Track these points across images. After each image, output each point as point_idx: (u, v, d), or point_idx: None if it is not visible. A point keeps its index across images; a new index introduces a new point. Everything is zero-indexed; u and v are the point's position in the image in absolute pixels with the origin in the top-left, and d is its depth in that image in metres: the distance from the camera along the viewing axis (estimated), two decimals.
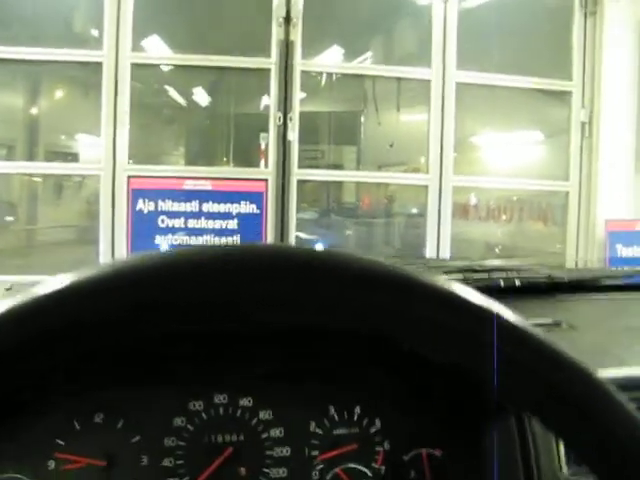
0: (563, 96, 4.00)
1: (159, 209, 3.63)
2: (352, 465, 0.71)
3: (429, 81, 3.78)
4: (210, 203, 3.64)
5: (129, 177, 3.62)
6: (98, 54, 3.60)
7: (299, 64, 3.66)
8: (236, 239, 3.65)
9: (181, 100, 4.05)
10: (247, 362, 0.70)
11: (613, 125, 3.92)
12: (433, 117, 3.81)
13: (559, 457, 0.73)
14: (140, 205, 3.63)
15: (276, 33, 3.65)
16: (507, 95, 4.01)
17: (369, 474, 0.71)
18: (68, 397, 0.66)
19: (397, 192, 4.30)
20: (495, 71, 3.89)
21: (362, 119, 4.55)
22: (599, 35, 3.93)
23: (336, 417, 0.71)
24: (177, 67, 3.78)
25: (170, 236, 3.63)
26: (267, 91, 3.68)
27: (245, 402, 0.70)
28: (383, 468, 0.72)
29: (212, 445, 0.69)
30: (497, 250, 4.17)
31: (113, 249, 3.65)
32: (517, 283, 1.26)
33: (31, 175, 3.95)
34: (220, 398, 0.69)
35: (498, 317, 0.37)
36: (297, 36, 3.66)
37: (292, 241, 3.67)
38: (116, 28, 3.59)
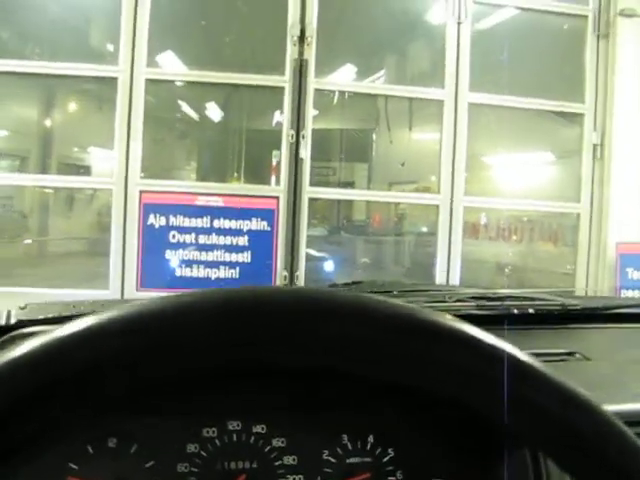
0: (575, 118, 4.01)
1: (170, 224, 3.65)
2: None
3: (442, 101, 3.80)
4: (221, 219, 3.66)
5: (141, 192, 3.64)
6: (113, 69, 3.64)
7: (312, 82, 3.67)
8: (247, 255, 3.67)
9: (194, 116, 4.07)
10: (262, 389, 0.69)
11: (625, 147, 3.92)
12: (445, 137, 3.82)
13: None
14: (151, 220, 3.65)
15: (290, 52, 3.68)
16: (519, 116, 4.02)
17: None
18: (82, 423, 0.65)
19: (408, 211, 4.30)
20: (507, 93, 3.91)
21: (374, 137, 4.56)
22: (611, 58, 3.94)
23: (349, 446, 0.71)
24: (191, 83, 3.80)
25: (181, 251, 3.65)
26: (280, 108, 3.71)
27: (259, 429, 0.70)
28: None
29: (225, 472, 0.69)
30: (507, 270, 4.17)
31: (124, 263, 3.66)
32: (530, 311, 1.25)
33: (44, 187, 3.98)
34: (234, 425, 0.69)
35: (508, 356, 0.37)
36: (311, 55, 3.69)
37: (302, 258, 3.69)
38: (132, 44, 3.63)
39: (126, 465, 0.67)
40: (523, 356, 0.38)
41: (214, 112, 4.05)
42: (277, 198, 3.66)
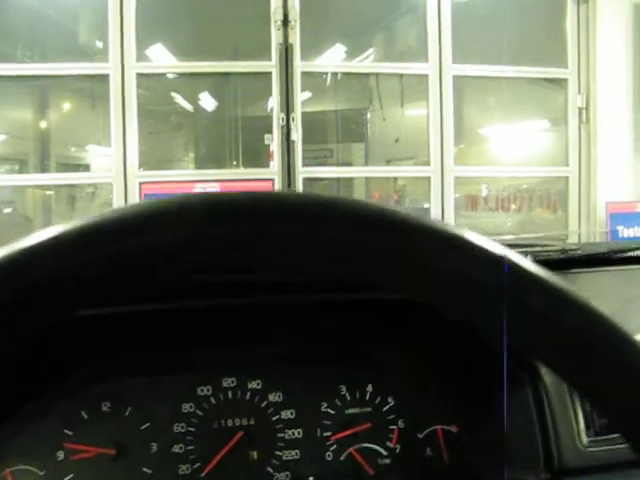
0: (559, 83, 4.08)
1: None
2: (366, 445, 0.70)
3: (427, 76, 3.89)
4: None
5: (141, 183, 3.75)
6: (104, 66, 3.72)
7: (299, 66, 3.74)
8: None
9: (187, 106, 4.15)
10: (254, 344, 0.69)
11: (610, 109, 3.97)
12: (432, 110, 3.89)
13: (578, 426, 0.71)
14: None
15: (275, 36, 3.76)
16: (504, 85, 4.09)
17: (384, 453, 0.70)
18: (75, 387, 0.66)
19: (407, 186, 4.38)
20: (491, 62, 3.98)
21: (368, 116, 4.62)
22: (592, 21, 3.98)
23: (348, 396, 0.70)
24: (181, 74, 3.88)
25: None
26: (270, 93, 3.81)
27: (254, 385, 0.69)
28: (398, 447, 0.71)
29: (222, 430, 0.68)
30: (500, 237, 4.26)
31: None
32: (530, 258, 1.22)
33: (44, 187, 4.08)
34: (229, 382, 0.69)
35: (509, 261, 0.36)
36: (296, 38, 3.75)
37: None
38: (120, 40, 3.70)
39: (122, 428, 0.66)
40: (523, 261, 0.36)
41: (206, 101, 4.13)
42: (272, 180, 3.77)
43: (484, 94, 4.15)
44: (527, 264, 0.36)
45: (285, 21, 3.72)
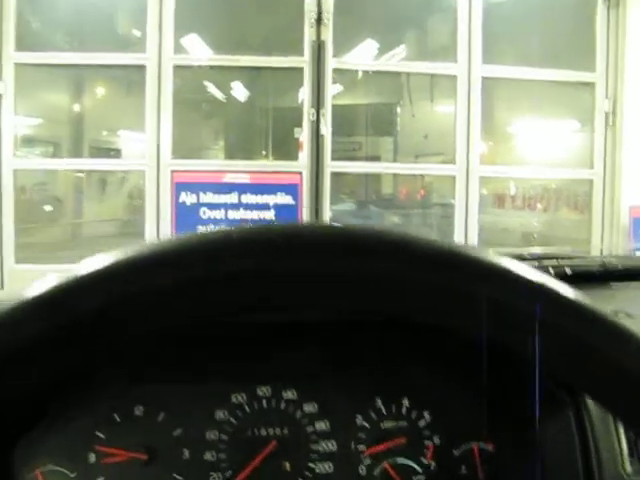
0: (587, 87, 4.13)
1: (201, 201, 3.86)
2: (400, 460, 0.69)
3: (455, 76, 3.96)
4: (248, 195, 3.86)
5: (172, 171, 3.86)
6: (142, 57, 3.85)
7: (330, 62, 3.84)
8: None
9: (220, 97, 4.25)
10: (290, 353, 0.68)
11: (636, 114, 4.00)
12: (460, 111, 3.96)
13: (621, 453, 0.68)
14: (183, 198, 3.87)
15: (308, 33, 3.85)
16: (532, 86, 4.14)
17: (418, 469, 0.69)
18: (109, 389, 0.65)
19: (433, 182, 4.44)
20: (520, 64, 4.04)
21: (397, 111, 4.68)
22: (622, 27, 4.01)
23: (383, 410, 0.69)
24: (216, 67, 4.00)
25: (211, 227, 3.87)
26: (301, 88, 3.90)
27: (289, 395, 0.68)
28: (433, 463, 0.69)
29: (255, 439, 0.67)
30: (523, 236, 4.33)
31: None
32: (568, 271, 1.20)
33: (79, 171, 4.22)
34: (263, 390, 0.68)
35: (551, 291, 0.36)
36: (328, 35, 3.84)
37: None
38: (158, 32, 3.82)
39: (154, 433, 0.66)
40: (564, 288, 0.36)
41: (238, 93, 4.23)
42: (300, 173, 3.86)
43: (512, 94, 4.21)
44: (566, 292, 0.36)
45: (318, 19, 3.81)
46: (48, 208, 4.28)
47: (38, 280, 0.36)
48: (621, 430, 0.67)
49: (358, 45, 4.10)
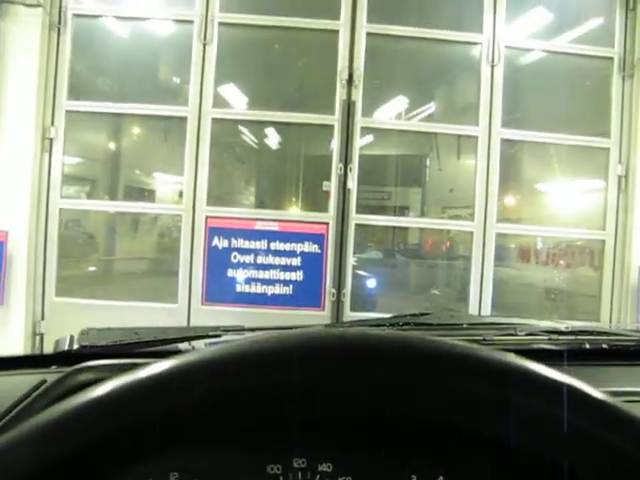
0: (602, 152, 4.34)
1: (232, 246, 4.11)
2: None
3: (476, 137, 4.21)
4: (277, 242, 4.11)
5: (207, 217, 4.13)
6: (184, 109, 4.14)
7: (359, 121, 4.10)
8: (299, 274, 4.11)
9: (254, 149, 4.52)
10: (327, 426, 0.66)
11: None
12: (479, 170, 4.20)
13: None
14: (215, 242, 4.12)
15: (340, 93, 4.13)
16: (550, 150, 4.38)
17: None
18: (146, 455, 0.64)
19: (456, 236, 4.62)
20: (538, 129, 4.28)
21: (425, 163, 4.85)
22: (636, 97, 4.21)
23: None
24: (252, 122, 4.29)
25: (241, 270, 4.12)
26: (331, 143, 4.16)
27: (324, 467, 0.68)
28: None
29: None
30: (538, 291, 4.51)
31: (190, 280, 4.13)
32: (604, 346, 1.20)
33: (122, 213, 4.48)
34: (299, 462, 0.68)
35: (579, 396, 0.37)
36: (358, 96, 4.11)
37: (349, 277, 4.10)
38: (200, 88, 4.12)
39: None
40: (607, 400, 0.37)
41: (272, 146, 4.49)
42: (327, 224, 4.10)
43: (530, 156, 4.44)
44: (593, 395, 0.37)
45: (350, 80, 4.09)
46: (88, 245, 4.55)
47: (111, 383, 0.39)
48: None
49: (385, 105, 4.36)
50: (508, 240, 4.46)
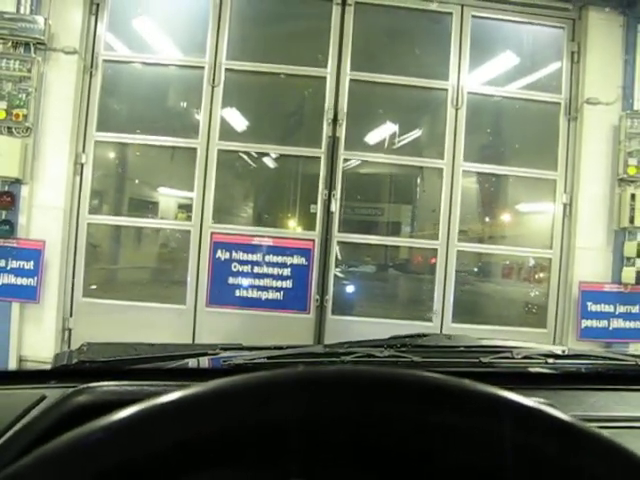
0: (549, 183, 5.04)
1: (233, 258, 4.85)
2: None
3: (442, 169, 4.95)
4: (271, 255, 4.85)
5: (212, 233, 4.87)
6: (195, 142, 4.90)
7: (342, 154, 4.83)
8: (289, 283, 4.83)
9: (253, 177, 5.25)
10: (324, 450, 0.63)
11: (589, 207, 4.87)
12: (444, 197, 4.94)
13: None
14: (219, 254, 4.85)
15: (326, 130, 4.88)
16: (504, 181, 5.13)
17: None
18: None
19: (425, 251, 5.25)
20: (495, 163, 5.03)
21: (417, 183, 5.47)
22: (579, 136, 4.90)
23: None
24: (252, 153, 5.05)
25: (240, 278, 4.86)
26: (317, 173, 4.91)
27: None
28: None
29: None
30: (493, 300, 5.23)
31: (197, 286, 4.86)
32: (600, 370, 1.21)
33: (139, 228, 5.21)
34: None
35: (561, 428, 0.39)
36: (342, 133, 4.85)
37: (330, 287, 4.83)
38: (208, 123, 4.88)
39: None
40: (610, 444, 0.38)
41: (268, 174, 5.23)
42: (313, 240, 4.84)
43: (487, 186, 5.18)
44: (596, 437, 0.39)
45: (335, 119, 4.84)
46: (110, 255, 5.28)
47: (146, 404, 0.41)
48: None
49: (366, 139, 5.11)
50: (471, 258, 5.18)
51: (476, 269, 5.25)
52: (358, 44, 4.91)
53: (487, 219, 5.29)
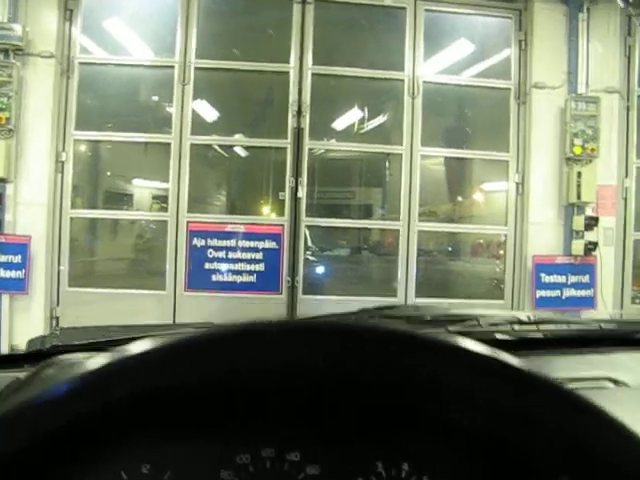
0: (502, 164, 5.38)
1: (208, 245, 5.14)
2: None
3: (401, 154, 5.28)
4: (244, 240, 5.17)
5: (188, 222, 5.18)
6: (168, 137, 5.19)
7: (307, 144, 5.13)
8: (261, 266, 5.16)
9: (224, 169, 5.57)
10: (295, 416, 0.68)
11: (540, 185, 5.19)
12: (404, 180, 5.28)
13: None
14: (195, 242, 5.14)
15: (290, 122, 5.20)
16: (460, 164, 5.48)
17: None
18: (117, 450, 0.65)
19: (392, 233, 5.58)
20: (451, 146, 5.38)
21: (379, 169, 5.77)
22: (528, 119, 5.21)
23: (384, 473, 0.69)
24: (224, 146, 5.36)
25: (215, 263, 5.18)
26: (285, 162, 5.23)
27: (292, 457, 0.68)
28: None
29: None
30: (454, 275, 5.58)
31: (175, 272, 5.18)
32: (564, 335, 1.23)
33: (115, 220, 5.53)
34: (267, 452, 0.68)
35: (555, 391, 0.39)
36: (306, 124, 5.18)
37: (301, 269, 5.16)
38: (180, 120, 5.19)
39: None
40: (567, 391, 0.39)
41: (238, 165, 5.54)
42: (282, 226, 5.17)
43: (445, 169, 5.52)
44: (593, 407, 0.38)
45: (299, 111, 5.16)
46: (92, 246, 5.59)
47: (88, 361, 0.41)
48: None
49: (329, 130, 5.43)
50: (432, 237, 5.53)
51: (438, 247, 5.59)
52: (319, 39, 5.20)
53: (446, 200, 5.62)
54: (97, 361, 0.41)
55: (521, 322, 1.23)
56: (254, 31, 5.31)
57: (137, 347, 0.41)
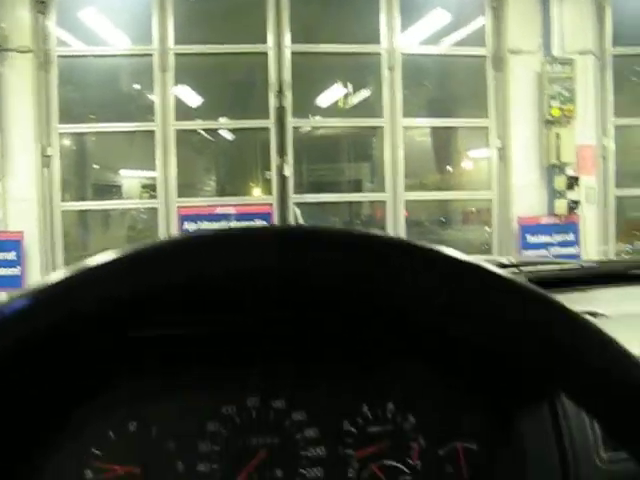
0: (483, 130, 5.48)
1: (199, 227, 5.25)
2: (388, 462, 0.70)
3: (382, 127, 5.37)
4: (234, 221, 5.26)
5: (178, 207, 5.26)
6: (152, 125, 5.20)
7: (290, 122, 5.19)
8: None
9: (210, 152, 5.63)
10: (278, 363, 0.69)
11: (520, 148, 5.29)
12: (387, 152, 5.38)
13: (595, 442, 0.71)
14: (186, 225, 5.23)
15: (273, 102, 5.26)
16: (442, 133, 5.57)
17: (405, 470, 0.70)
18: (103, 407, 0.66)
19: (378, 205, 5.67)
20: (432, 116, 5.47)
21: (364, 142, 5.89)
22: (506, 85, 5.28)
23: (369, 415, 0.70)
24: (208, 130, 5.42)
25: None
26: (269, 142, 5.29)
27: (278, 404, 0.69)
28: (419, 463, 0.70)
29: (246, 448, 0.68)
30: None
31: None
32: (543, 275, 1.25)
33: (107, 209, 5.61)
34: (252, 401, 0.68)
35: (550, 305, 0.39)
36: (288, 103, 5.22)
37: None
38: (162, 104, 5.23)
39: (148, 447, 0.68)
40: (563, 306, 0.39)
41: (225, 148, 5.60)
42: (271, 204, 5.26)
43: (428, 139, 5.61)
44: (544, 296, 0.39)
45: (280, 90, 5.22)
46: (84, 238, 5.66)
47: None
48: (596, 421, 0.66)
49: (311, 107, 5.50)
50: (420, 206, 5.63)
51: (426, 215, 5.71)
52: (295, 17, 5.23)
53: (432, 170, 5.73)
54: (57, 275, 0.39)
55: (503, 265, 1.25)
56: (231, 13, 5.33)
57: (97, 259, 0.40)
